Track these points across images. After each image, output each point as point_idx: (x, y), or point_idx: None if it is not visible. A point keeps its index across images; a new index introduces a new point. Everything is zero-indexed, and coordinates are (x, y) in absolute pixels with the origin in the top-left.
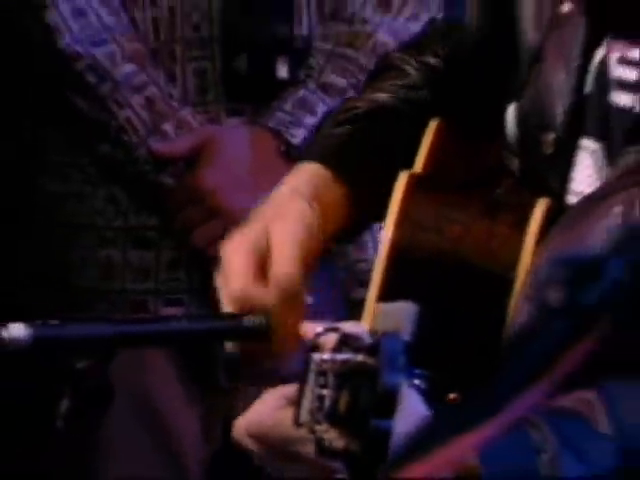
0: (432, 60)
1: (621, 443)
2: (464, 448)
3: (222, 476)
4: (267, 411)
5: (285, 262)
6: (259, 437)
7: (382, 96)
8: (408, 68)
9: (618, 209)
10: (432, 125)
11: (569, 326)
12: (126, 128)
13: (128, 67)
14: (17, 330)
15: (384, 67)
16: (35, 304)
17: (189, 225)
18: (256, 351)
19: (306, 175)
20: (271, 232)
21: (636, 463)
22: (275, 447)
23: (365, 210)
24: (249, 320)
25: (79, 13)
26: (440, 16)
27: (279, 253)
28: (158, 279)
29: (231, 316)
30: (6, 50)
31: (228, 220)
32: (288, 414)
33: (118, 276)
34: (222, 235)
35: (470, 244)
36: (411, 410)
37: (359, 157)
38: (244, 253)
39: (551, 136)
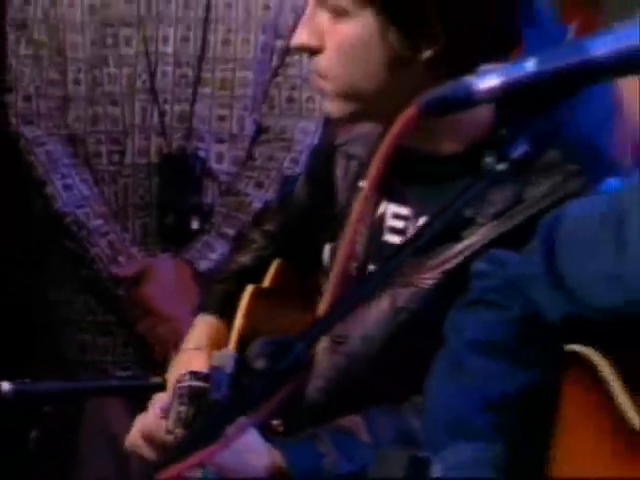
0: (270, 227)
1: (375, 447)
2: (204, 456)
3: None
4: (151, 420)
5: None
6: (147, 439)
7: (242, 259)
8: (256, 236)
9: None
10: (275, 263)
11: (269, 382)
12: (96, 259)
13: (97, 221)
14: (3, 386)
15: (243, 236)
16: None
17: (135, 320)
18: None
19: (202, 328)
20: None
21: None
22: (157, 447)
23: None
24: (155, 379)
25: (67, 187)
26: (275, 196)
27: None
28: (115, 353)
29: (143, 376)
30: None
31: (159, 318)
32: (163, 423)
33: (89, 352)
34: (155, 328)
35: (293, 330)
36: (249, 436)
37: (233, 304)
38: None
39: (354, 264)
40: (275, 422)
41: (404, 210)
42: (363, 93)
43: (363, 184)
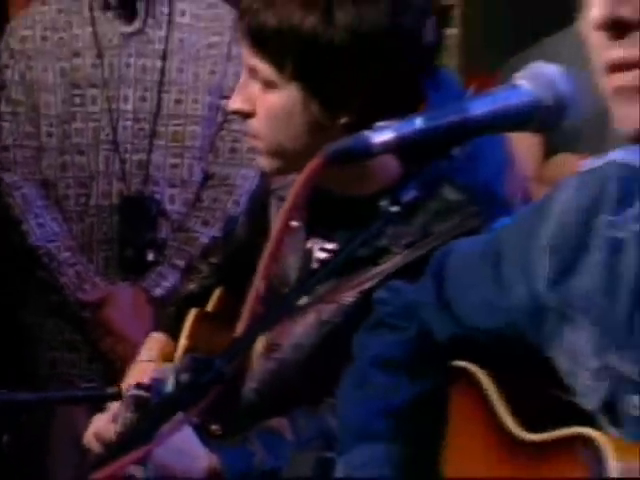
0: (215, 260)
1: (298, 446)
2: (135, 456)
3: None
4: (103, 423)
5: None
6: (98, 438)
7: (190, 286)
8: (203, 267)
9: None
10: (218, 290)
11: (191, 393)
12: (64, 287)
13: (66, 254)
14: None
15: (192, 267)
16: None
17: (98, 339)
18: None
19: (153, 343)
20: None
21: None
22: (105, 446)
23: None
24: (111, 389)
25: (40, 225)
26: (220, 233)
27: None
28: (81, 368)
29: (103, 387)
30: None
31: (119, 337)
32: (112, 427)
33: (60, 365)
34: (115, 346)
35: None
36: (183, 437)
37: (180, 325)
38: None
39: (285, 289)
40: (214, 427)
41: (330, 245)
42: (288, 152)
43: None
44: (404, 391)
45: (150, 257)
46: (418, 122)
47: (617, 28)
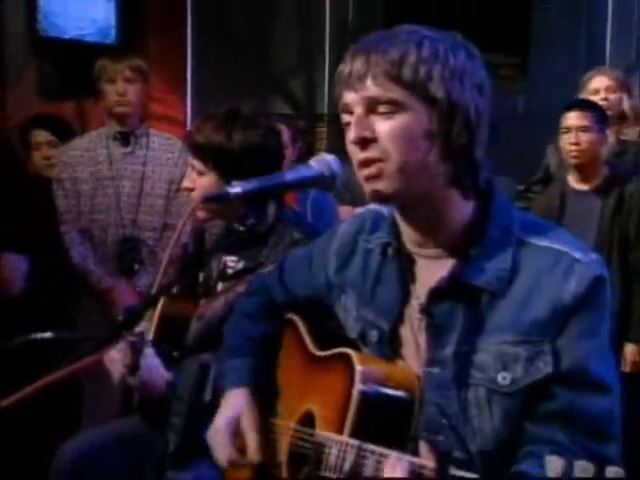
0: (176, 268)
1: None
2: (92, 361)
3: None
4: (114, 352)
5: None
6: (110, 361)
7: (164, 282)
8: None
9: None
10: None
11: (115, 330)
12: (92, 283)
13: (92, 267)
14: (47, 334)
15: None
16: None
17: (109, 309)
18: None
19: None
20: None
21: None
22: (116, 368)
23: None
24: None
25: (79, 252)
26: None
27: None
28: (100, 325)
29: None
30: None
31: (119, 308)
32: (118, 355)
33: (88, 325)
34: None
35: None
36: (150, 360)
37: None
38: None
39: (211, 282)
40: (175, 353)
41: (234, 258)
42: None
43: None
44: (259, 329)
45: (136, 267)
46: (254, 183)
47: (362, 143)
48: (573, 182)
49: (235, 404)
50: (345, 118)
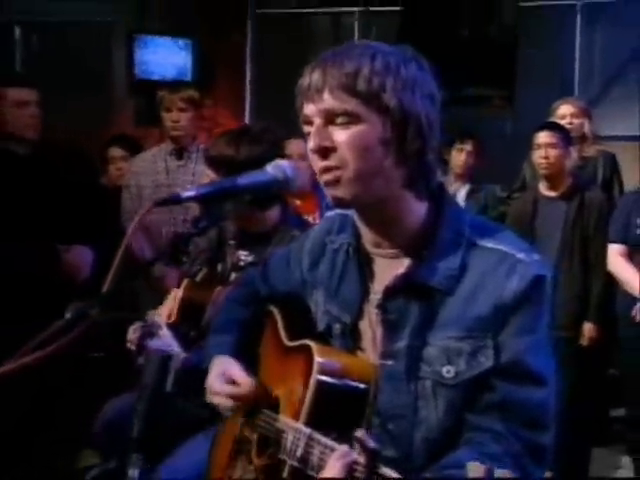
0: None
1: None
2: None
3: None
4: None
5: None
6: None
7: (186, 269)
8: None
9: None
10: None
11: (69, 323)
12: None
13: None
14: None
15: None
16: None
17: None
18: None
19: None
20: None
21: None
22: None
23: None
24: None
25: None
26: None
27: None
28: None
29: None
30: None
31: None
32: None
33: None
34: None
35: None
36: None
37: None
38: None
39: (225, 274)
40: (192, 333)
41: (246, 252)
42: None
43: (229, 242)
44: (243, 313)
45: (183, 259)
46: (209, 186)
47: (322, 152)
48: (543, 189)
49: (220, 363)
50: (306, 128)
